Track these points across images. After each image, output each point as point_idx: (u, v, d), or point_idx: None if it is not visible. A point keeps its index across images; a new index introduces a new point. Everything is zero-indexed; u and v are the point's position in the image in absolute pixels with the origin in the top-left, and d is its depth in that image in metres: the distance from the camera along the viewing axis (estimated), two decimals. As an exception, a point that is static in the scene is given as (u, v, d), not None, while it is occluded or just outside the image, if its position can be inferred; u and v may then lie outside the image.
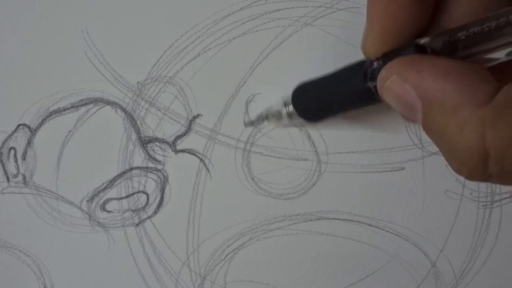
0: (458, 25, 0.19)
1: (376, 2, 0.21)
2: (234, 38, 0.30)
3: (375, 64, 0.22)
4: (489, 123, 0.16)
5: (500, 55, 0.19)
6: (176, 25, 0.30)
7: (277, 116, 0.28)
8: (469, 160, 0.17)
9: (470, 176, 0.18)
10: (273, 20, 0.30)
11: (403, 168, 0.29)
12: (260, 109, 0.29)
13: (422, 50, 0.20)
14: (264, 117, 0.29)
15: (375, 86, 0.22)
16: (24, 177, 0.30)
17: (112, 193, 0.30)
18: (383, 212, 0.29)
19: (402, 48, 0.21)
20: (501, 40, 0.18)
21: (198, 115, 0.30)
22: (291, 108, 0.27)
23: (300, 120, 0.27)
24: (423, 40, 0.20)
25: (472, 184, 0.29)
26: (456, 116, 0.17)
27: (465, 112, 0.17)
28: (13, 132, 0.30)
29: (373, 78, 0.22)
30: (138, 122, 0.30)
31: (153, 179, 0.30)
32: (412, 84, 0.19)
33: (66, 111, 0.30)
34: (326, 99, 0.25)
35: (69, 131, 0.30)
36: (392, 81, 0.20)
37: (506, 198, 0.29)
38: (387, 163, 0.29)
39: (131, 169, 0.30)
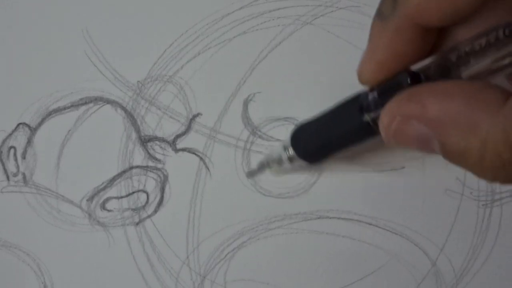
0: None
1: (381, 32, 0.20)
2: (234, 37, 0.30)
3: (370, 96, 0.21)
4: (511, 126, 0.15)
5: (500, 79, 0.18)
6: (176, 24, 0.30)
7: (278, 161, 0.27)
8: (502, 168, 0.16)
9: (509, 181, 0.17)
10: (273, 19, 0.30)
11: (403, 167, 0.29)
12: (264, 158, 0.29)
13: (415, 76, 0.19)
14: (265, 165, 0.28)
15: (373, 120, 0.21)
16: (24, 176, 0.30)
17: (112, 192, 0.30)
18: (383, 211, 0.29)
19: (395, 77, 0.20)
20: (493, 54, 0.17)
21: (198, 114, 0.30)
22: (291, 151, 0.26)
23: (301, 162, 0.27)
24: (415, 66, 0.20)
25: (472, 183, 0.29)
26: (475, 131, 0.16)
27: (484, 123, 0.16)
28: (13, 131, 0.30)
29: (369, 109, 0.21)
30: (138, 121, 0.30)
31: (153, 178, 0.30)
32: (418, 119, 0.18)
33: (66, 110, 0.30)
34: (325, 138, 0.25)
35: (69, 130, 0.30)
36: (397, 123, 0.19)
37: (506, 197, 0.29)
38: (387, 162, 0.29)
39: (131, 168, 0.30)
